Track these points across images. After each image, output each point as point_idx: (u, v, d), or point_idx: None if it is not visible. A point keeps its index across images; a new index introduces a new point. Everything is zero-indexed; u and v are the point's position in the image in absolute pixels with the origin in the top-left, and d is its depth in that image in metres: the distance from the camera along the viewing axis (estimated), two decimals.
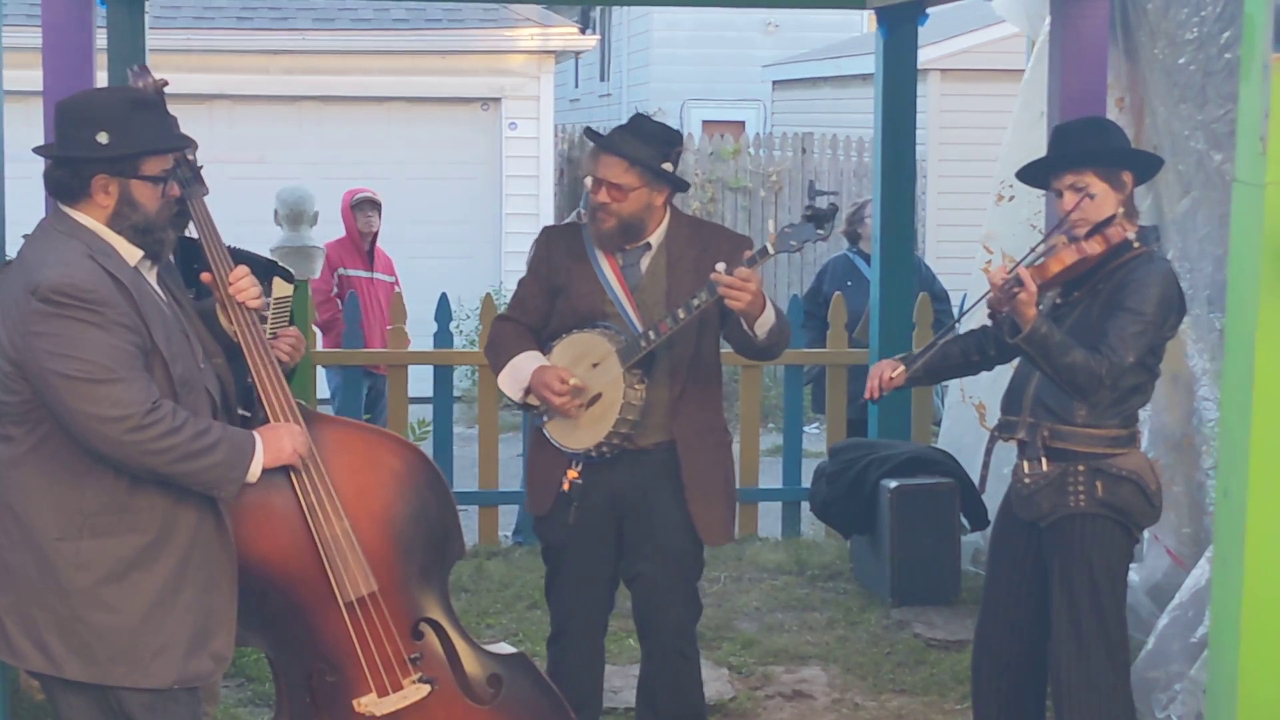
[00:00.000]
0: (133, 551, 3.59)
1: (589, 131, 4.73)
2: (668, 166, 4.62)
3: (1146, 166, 4.66)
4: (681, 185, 4.71)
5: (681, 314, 4.47)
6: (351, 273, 8.98)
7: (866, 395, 4.59)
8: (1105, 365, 4.28)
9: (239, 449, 3.67)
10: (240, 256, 4.31)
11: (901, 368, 4.56)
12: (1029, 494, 4.47)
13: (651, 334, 4.51)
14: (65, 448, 3.55)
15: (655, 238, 4.68)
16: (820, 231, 4.40)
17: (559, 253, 4.75)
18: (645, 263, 4.67)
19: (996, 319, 4.46)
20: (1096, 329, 4.34)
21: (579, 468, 4.59)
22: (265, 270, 4.43)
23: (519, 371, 4.62)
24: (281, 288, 4.38)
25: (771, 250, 4.39)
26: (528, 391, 4.60)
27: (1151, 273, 4.36)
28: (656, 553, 4.64)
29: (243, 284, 3.94)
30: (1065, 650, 4.43)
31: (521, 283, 4.84)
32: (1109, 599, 4.44)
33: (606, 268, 4.66)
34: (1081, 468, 4.41)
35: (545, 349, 4.67)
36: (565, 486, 4.59)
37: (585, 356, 4.59)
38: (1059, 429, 4.43)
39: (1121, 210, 4.43)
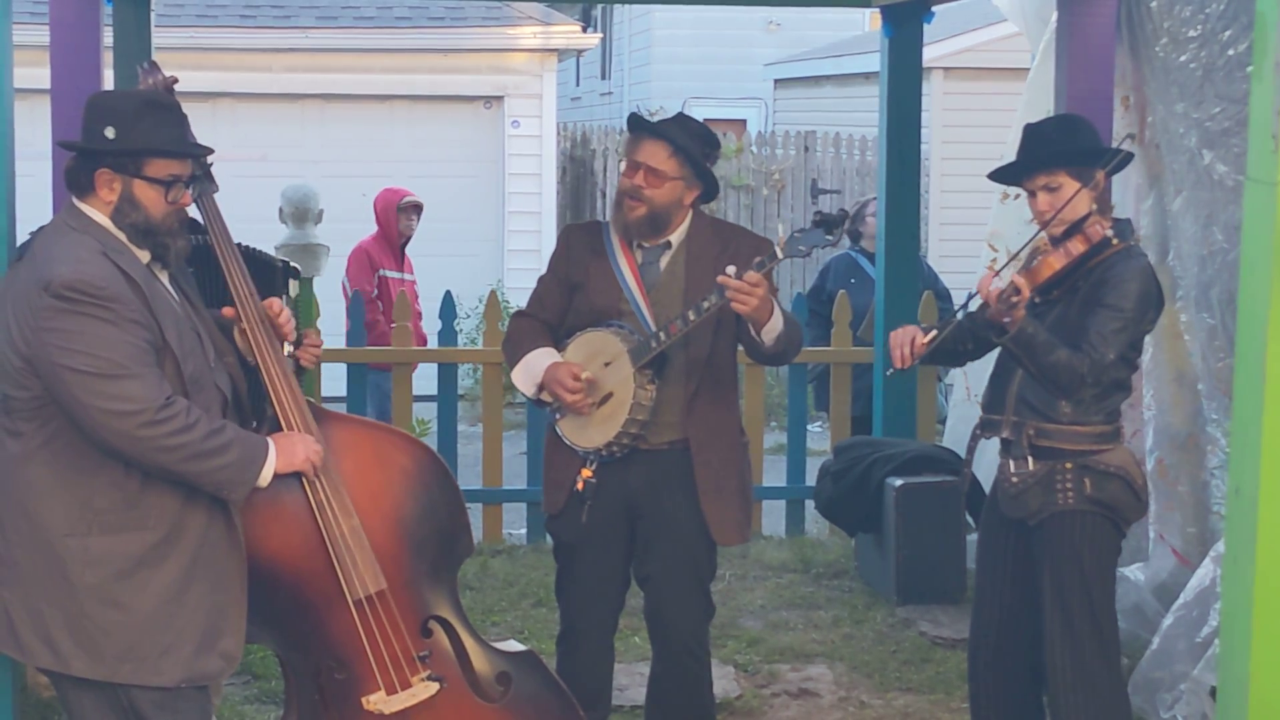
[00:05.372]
0: (142, 549, 3.59)
1: (635, 116, 4.70)
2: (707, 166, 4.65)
3: (1118, 162, 4.65)
4: (714, 190, 4.71)
5: (691, 316, 4.45)
6: (389, 274, 9.01)
7: (898, 364, 4.39)
8: (1087, 363, 4.29)
9: (251, 452, 3.67)
10: (251, 257, 4.31)
11: (925, 336, 4.39)
12: (1016, 493, 4.46)
13: (662, 335, 4.50)
14: (75, 444, 3.55)
15: (676, 237, 4.66)
16: (829, 237, 4.37)
17: (578, 249, 4.73)
18: (664, 262, 4.66)
19: (980, 318, 4.45)
20: (1076, 326, 4.35)
21: (594, 467, 4.58)
22: (284, 271, 4.44)
23: (532, 368, 4.62)
24: (294, 289, 4.39)
25: (780, 255, 4.36)
26: (541, 388, 4.60)
27: (1130, 269, 4.37)
28: (669, 554, 4.63)
29: (284, 318, 3.99)
30: (1059, 648, 4.43)
31: (541, 279, 4.83)
32: (1100, 595, 4.45)
33: (624, 266, 4.65)
34: (1069, 465, 4.41)
35: (560, 346, 4.66)
36: (580, 486, 4.59)
37: (598, 355, 4.58)
38: (1044, 427, 4.42)
39: (1095, 207, 4.44)
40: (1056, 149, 4.45)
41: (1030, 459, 4.42)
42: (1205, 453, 5.80)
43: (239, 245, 4.18)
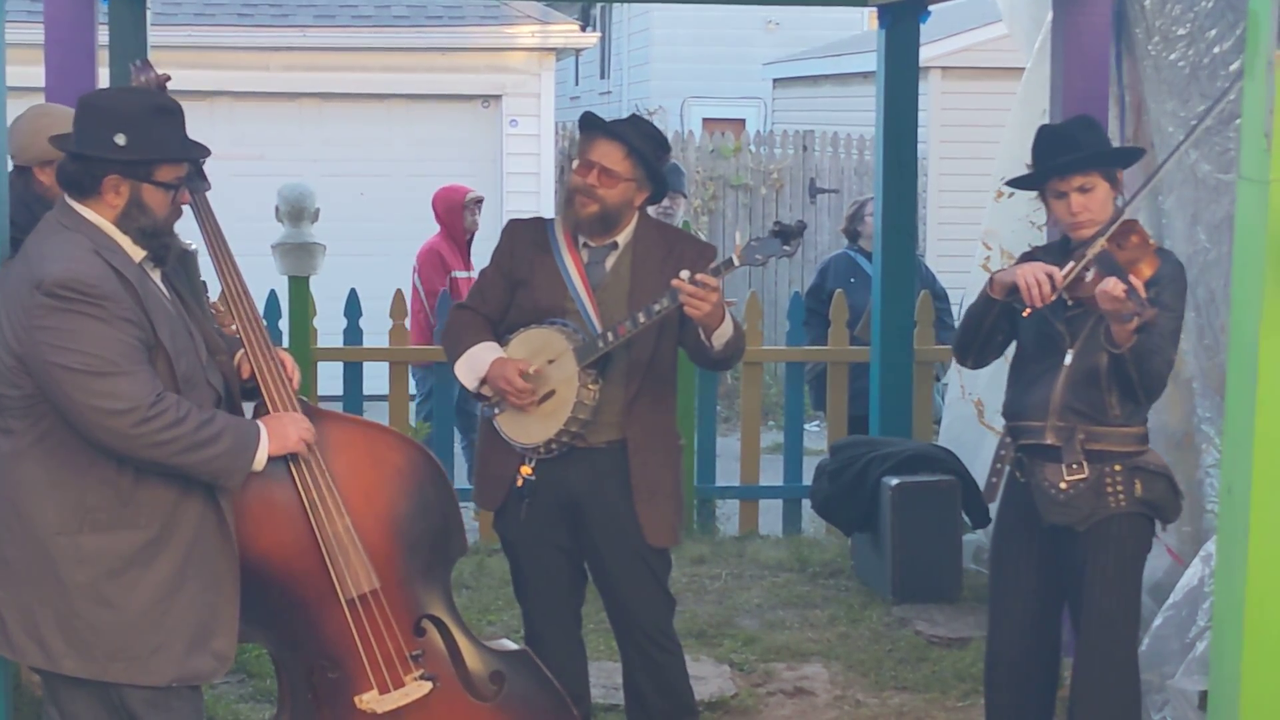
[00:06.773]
0: (133, 548, 3.59)
1: (589, 115, 4.69)
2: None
3: (1132, 159, 4.72)
4: (661, 193, 4.71)
5: (642, 318, 4.45)
6: (460, 274, 9.02)
7: (1037, 303, 4.25)
8: (1166, 364, 4.31)
9: (243, 438, 3.68)
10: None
11: (1063, 270, 4.25)
12: (1067, 500, 4.40)
13: (610, 335, 4.48)
14: (67, 442, 3.56)
15: (623, 238, 4.66)
16: (787, 248, 4.37)
17: (523, 245, 4.70)
18: (610, 262, 4.65)
19: (1091, 325, 4.37)
20: None
21: (532, 464, 4.58)
22: None
23: (476, 361, 4.59)
24: None
25: (736, 262, 4.37)
26: (483, 382, 4.58)
27: (1172, 267, 4.40)
28: (618, 554, 4.63)
29: (293, 372, 4.01)
30: (1093, 647, 4.42)
31: (483, 273, 4.80)
32: (1136, 597, 4.47)
33: (570, 264, 4.63)
34: (1118, 467, 4.39)
35: (502, 341, 4.64)
36: (519, 483, 4.58)
37: (542, 351, 4.56)
38: (1095, 430, 4.38)
39: (1115, 206, 4.45)
40: (1092, 150, 4.43)
41: (1085, 464, 4.38)
42: (1200, 451, 5.79)
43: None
